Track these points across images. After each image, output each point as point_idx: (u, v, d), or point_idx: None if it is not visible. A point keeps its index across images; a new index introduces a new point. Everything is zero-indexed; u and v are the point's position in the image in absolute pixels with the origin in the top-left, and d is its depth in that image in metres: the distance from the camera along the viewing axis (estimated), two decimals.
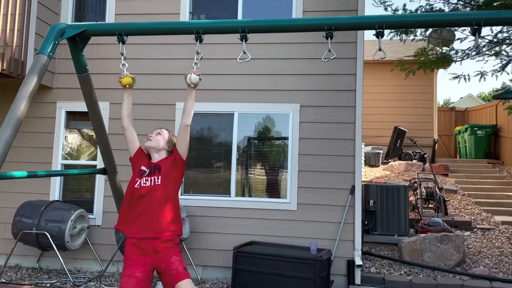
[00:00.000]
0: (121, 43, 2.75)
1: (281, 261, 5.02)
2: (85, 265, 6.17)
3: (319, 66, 5.97)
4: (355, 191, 5.74)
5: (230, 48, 6.03)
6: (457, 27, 7.94)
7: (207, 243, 5.96)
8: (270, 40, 6.00)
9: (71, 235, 5.61)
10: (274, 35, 5.82)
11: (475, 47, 2.41)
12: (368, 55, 9.68)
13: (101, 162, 6.18)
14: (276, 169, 6.08)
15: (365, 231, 6.91)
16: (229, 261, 5.47)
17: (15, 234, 5.64)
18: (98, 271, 6.06)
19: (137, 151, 3.06)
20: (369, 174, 11.62)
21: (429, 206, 9.03)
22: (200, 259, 5.94)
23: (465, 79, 8.52)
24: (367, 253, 6.54)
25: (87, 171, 3.62)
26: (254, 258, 5.16)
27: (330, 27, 2.41)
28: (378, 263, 6.32)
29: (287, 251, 5.29)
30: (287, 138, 6.04)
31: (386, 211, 7.09)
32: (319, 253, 5.13)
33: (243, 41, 2.63)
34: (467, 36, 8.13)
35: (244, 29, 2.56)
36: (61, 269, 6.02)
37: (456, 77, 8.57)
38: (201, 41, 2.72)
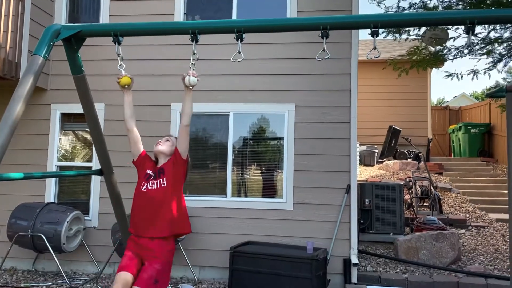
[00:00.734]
0: (116, 43, 2.75)
1: (277, 261, 5.03)
2: (81, 267, 6.14)
3: (314, 66, 5.99)
4: (350, 190, 5.76)
5: (225, 48, 6.04)
6: (450, 26, 8.01)
7: (203, 244, 5.96)
8: (264, 40, 6.01)
9: (67, 237, 5.59)
10: (268, 35, 5.83)
11: (468, 45, 2.43)
12: (362, 55, 9.70)
13: (96, 163, 6.16)
14: (271, 169, 6.09)
15: (361, 230, 6.94)
16: (226, 261, 5.47)
17: (10, 236, 5.61)
18: (94, 273, 6.04)
19: (141, 155, 3.16)
20: (364, 173, 11.66)
21: (424, 204, 9.08)
22: (196, 259, 5.94)
23: (458, 77, 8.59)
24: (363, 252, 6.57)
25: (84, 172, 3.61)
26: (250, 258, 5.17)
27: (325, 27, 2.43)
28: (374, 261, 6.34)
29: (283, 250, 5.31)
30: (283, 138, 6.05)
31: (381, 210, 7.13)
32: (315, 252, 5.14)
33: (239, 41, 2.63)
34: (460, 34, 8.20)
35: (239, 29, 2.57)
36: (57, 271, 6.00)
37: (449, 75, 8.62)
38: (197, 41, 2.72)
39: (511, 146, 2.80)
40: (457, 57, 8.14)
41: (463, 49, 7.93)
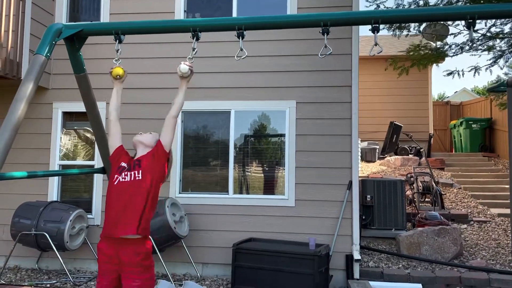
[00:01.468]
0: (117, 42, 2.76)
1: (280, 257, 5.05)
2: (85, 264, 6.17)
3: (315, 62, 5.99)
4: (352, 187, 5.78)
5: (225, 46, 6.05)
6: (451, 22, 7.99)
7: (206, 241, 5.98)
8: (265, 37, 6.02)
9: (70, 235, 5.61)
10: (268, 32, 5.83)
11: (470, 40, 2.44)
12: (363, 51, 9.71)
13: (98, 162, 6.18)
14: (273, 166, 6.11)
15: (362, 226, 6.95)
16: (229, 258, 5.50)
17: (14, 235, 5.64)
18: (97, 271, 6.06)
19: (117, 149, 2.93)
20: (366, 169, 11.67)
21: (426, 200, 9.09)
22: (199, 256, 5.96)
23: (459, 75, 8.57)
24: (365, 248, 6.58)
25: (86, 170, 3.63)
26: (253, 254, 5.19)
27: (326, 23, 2.43)
28: (376, 257, 6.36)
29: (286, 247, 5.32)
30: (284, 135, 6.06)
31: (383, 206, 7.14)
32: (317, 248, 5.16)
33: (240, 39, 2.64)
34: (461, 31, 8.19)
35: (240, 26, 2.58)
36: (61, 269, 6.03)
37: (450, 73, 8.61)
38: (198, 39, 2.73)
39: None
40: (458, 53, 8.13)
41: (464, 45, 7.92)
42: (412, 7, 7.97)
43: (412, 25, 8.31)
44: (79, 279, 5.75)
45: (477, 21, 2.37)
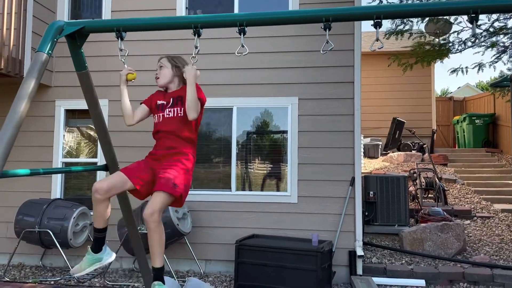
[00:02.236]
0: (119, 39, 2.75)
1: (283, 253, 5.05)
2: None
3: (317, 58, 5.97)
4: (355, 183, 5.77)
5: (227, 42, 6.03)
6: (453, 19, 7.95)
7: (209, 238, 5.99)
8: (267, 34, 6.00)
9: (74, 232, 5.63)
10: (270, 28, 5.82)
11: (472, 35, 2.42)
12: (365, 47, 9.66)
13: (101, 159, 6.20)
14: (276, 162, 6.11)
15: (365, 222, 6.95)
16: (232, 254, 5.51)
17: (17, 232, 5.67)
18: (101, 268, 6.09)
19: (147, 102, 3.09)
20: (369, 165, 11.66)
21: (429, 196, 9.08)
22: (202, 253, 5.97)
23: (463, 72, 8.52)
24: (368, 244, 6.58)
25: (89, 167, 3.64)
26: (256, 251, 5.20)
27: (328, 18, 2.42)
28: (379, 253, 6.36)
29: (288, 243, 5.33)
30: (286, 131, 6.06)
31: (386, 202, 7.13)
32: (320, 244, 5.16)
33: (241, 35, 2.63)
34: (464, 28, 8.15)
35: (242, 23, 2.57)
36: (65, 267, 6.05)
37: (454, 71, 8.56)
38: (199, 36, 2.72)
39: None
40: (461, 50, 8.08)
41: (467, 41, 7.87)
42: (415, 1, 7.92)
43: (414, 23, 8.26)
44: (82, 276, 5.78)
45: (480, 16, 2.36)
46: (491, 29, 7.62)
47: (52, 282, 5.57)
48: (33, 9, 5.99)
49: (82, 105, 6.14)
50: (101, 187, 2.79)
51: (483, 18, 7.53)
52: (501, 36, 7.77)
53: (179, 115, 2.88)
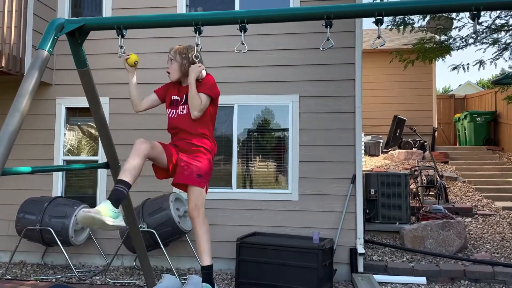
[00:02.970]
0: (120, 36, 2.75)
1: (284, 251, 5.05)
2: (90, 259, 6.21)
3: (318, 56, 5.96)
4: (356, 181, 5.76)
5: (228, 40, 6.02)
6: (455, 15, 7.92)
7: (210, 235, 5.98)
8: (268, 31, 5.99)
9: (75, 230, 5.64)
10: (271, 26, 5.81)
11: (474, 32, 2.41)
12: (366, 45, 9.64)
13: (102, 157, 6.20)
14: (277, 160, 6.10)
15: (366, 219, 6.95)
16: (233, 252, 5.51)
17: (19, 230, 5.67)
18: (103, 265, 6.10)
19: (161, 87, 3.17)
20: (370, 163, 11.65)
21: (430, 193, 9.07)
22: None
23: (464, 69, 8.51)
24: (369, 242, 6.58)
25: (90, 165, 3.64)
26: (257, 248, 5.20)
27: (329, 15, 2.41)
28: (380, 251, 6.36)
29: (289, 241, 5.33)
30: (287, 129, 6.05)
31: (387, 200, 7.13)
32: (321, 242, 5.16)
33: (242, 32, 2.63)
34: (465, 24, 8.12)
35: (243, 20, 2.56)
36: (66, 264, 6.06)
37: (455, 68, 8.54)
38: (200, 33, 2.72)
39: None
40: (462, 47, 8.06)
41: (468, 38, 7.85)
42: None
43: (416, 20, 8.24)
44: (84, 274, 5.78)
45: (482, 13, 2.35)
46: (493, 26, 7.60)
47: (53, 280, 5.58)
48: (34, 7, 5.98)
49: (83, 103, 6.14)
50: (146, 141, 2.77)
51: (484, 15, 7.50)
52: (503, 33, 7.75)
53: (186, 113, 2.99)
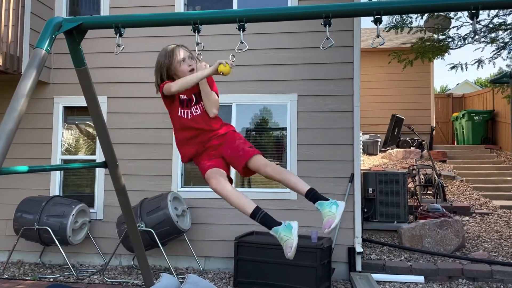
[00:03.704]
0: (118, 35, 2.74)
1: (282, 250, 5.04)
2: (88, 259, 6.20)
3: (316, 55, 5.95)
4: (354, 180, 5.77)
5: (225, 39, 6.00)
6: (453, 14, 7.93)
7: (208, 235, 5.99)
8: (266, 30, 5.98)
9: (73, 229, 5.63)
10: (270, 25, 5.80)
11: (473, 31, 2.41)
12: (365, 44, 9.64)
13: (100, 156, 6.18)
14: (275, 159, 6.10)
15: (364, 218, 6.95)
16: (231, 251, 5.51)
17: (16, 230, 5.66)
18: (101, 265, 6.09)
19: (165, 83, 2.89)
20: (368, 162, 11.66)
21: (428, 192, 9.08)
22: (202, 250, 5.97)
23: (463, 69, 8.52)
24: (367, 240, 6.59)
25: (88, 164, 3.63)
26: (255, 247, 5.20)
27: (328, 15, 2.41)
28: (378, 250, 6.37)
29: None
30: (285, 128, 6.05)
31: (385, 199, 7.13)
32: (320, 241, 5.16)
33: (241, 31, 2.62)
34: (463, 23, 8.13)
35: (241, 19, 2.55)
36: (64, 264, 6.05)
37: (453, 67, 8.55)
38: (199, 32, 2.71)
39: None
40: (461, 46, 8.06)
41: (466, 37, 7.86)
42: None
43: (414, 19, 8.24)
44: (82, 273, 5.77)
45: (480, 12, 2.35)
46: (491, 25, 7.61)
47: (51, 279, 5.56)
48: (31, 5, 5.96)
49: (80, 102, 6.11)
50: (212, 177, 2.79)
51: (482, 13, 7.51)
52: (501, 32, 7.76)
53: (204, 110, 2.90)
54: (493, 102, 13.45)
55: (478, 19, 2.32)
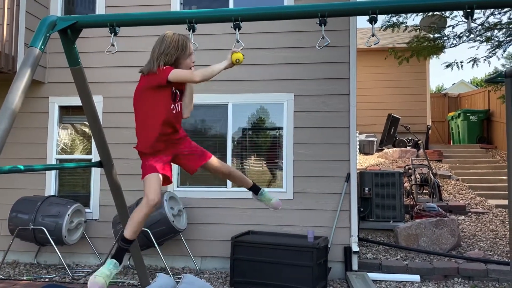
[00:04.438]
0: (113, 34, 2.73)
1: (278, 250, 5.06)
2: (83, 259, 6.17)
3: (312, 54, 5.96)
4: (350, 179, 5.77)
5: (221, 38, 6.00)
6: (448, 13, 7.95)
7: (204, 234, 5.98)
8: (262, 29, 5.97)
9: (68, 229, 5.61)
10: (266, 24, 5.79)
11: (468, 30, 2.42)
12: (360, 43, 9.65)
13: (95, 156, 6.15)
14: (271, 159, 6.10)
15: (361, 218, 6.96)
16: (227, 251, 5.50)
17: (11, 230, 5.63)
18: (96, 265, 6.07)
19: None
20: (364, 162, 11.68)
21: (424, 192, 9.11)
22: (198, 250, 5.96)
23: (458, 67, 8.54)
24: (364, 240, 6.60)
25: (83, 164, 3.61)
26: (251, 247, 5.19)
27: (323, 14, 2.41)
28: (374, 249, 6.38)
29: (284, 239, 5.33)
30: (282, 128, 6.05)
31: (381, 198, 7.15)
32: (316, 240, 5.17)
33: (236, 30, 2.62)
34: (458, 22, 8.15)
35: (237, 18, 2.55)
36: (60, 264, 6.02)
37: (449, 65, 8.58)
38: (194, 31, 2.71)
39: (510, 132, 2.80)
40: (456, 44, 8.09)
41: (462, 35, 7.88)
42: None
43: (409, 19, 8.28)
44: (77, 273, 5.75)
45: (476, 11, 2.35)
46: (486, 24, 7.63)
47: (47, 279, 5.54)
48: (26, 4, 5.93)
49: (76, 101, 6.06)
50: (159, 198, 2.68)
51: (478, 13, 7.52)
52: (495, 31, 7.78)
53: (181, 110, 2.86)
54: (488, 101, 13.50)
55: (473, 18, 2.32)
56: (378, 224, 7.10)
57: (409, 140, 12.65)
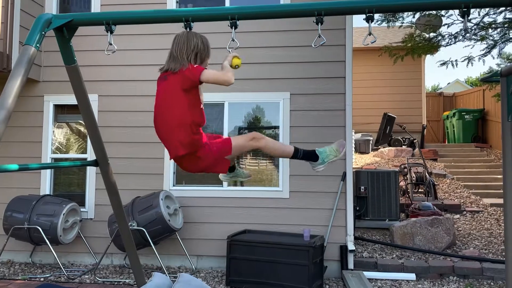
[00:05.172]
0: (109, 33, 2.71)
1: (275, 249, 5.06)
2: (79, 258, 6.15)
3: (308, 53, 5.96)
4: (346, 178, 5.79)
5: (218, 37, 5.97)
6: (444, 12, 7.97)
7: (201, 233, 5.98)
8: (258, 28, 5.97)
9: (64, 228, 5.58)
10: (262, 23, 5.79)
11: (464, 29, 2.42)
12: (356, 42, 9.66)
13: (91, 155, 6.13)
14: (267, 158, 6.10)
15: (356, 216, 6.97)
16: (223, 250, 5.50)
17: (6, 229, 5.60)
18: (92, 264, 6.05)
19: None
20: (360, 161, 11.71)
21: (419, 190, 9.14)
22: (194, 249, 5.96)
23: (453, 65, 8.57)
24: (359, 238, 6.61)
25: (79, 163, 3.59)
26: (248, 246, 5.19)
27: (320, 12, 2.41)
28: (370, 247, 6.40)
29: (280, 238, 5.33)
30: (278, 126, 6.05)
31: (377, 197, 7.17)
32: (312, 239, 5.17)
33: (233, 29, 2.61)
34: (454, 21, 8.18)
35: (233, 16, 2.54)
36: (55, 263, 6.00)
37: (443, 64, 8.61)
38: (190, 29, 2.69)
39: (505, 131, 2.80)
40: (451, 43, 8.12)
41: (457, 35, 7.91)
42: None
43: (405, 16, 8.30)
44: (73, 272, 5.73)
45: (471, 11, 2.36)
46: (481, 24, 7.66)
47: (42, 279, 5.52)
48: (21, 2, 5.89)
49: (71, 100, 6.07)
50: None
51: (473, 12, 7.55)
52: (490, 30, 7.81)
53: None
54: (483, 101, 13.56)
55: (469, 18, 2.33)
56: (373, 223, 7.12)
57: (404, 139, 12.69)
